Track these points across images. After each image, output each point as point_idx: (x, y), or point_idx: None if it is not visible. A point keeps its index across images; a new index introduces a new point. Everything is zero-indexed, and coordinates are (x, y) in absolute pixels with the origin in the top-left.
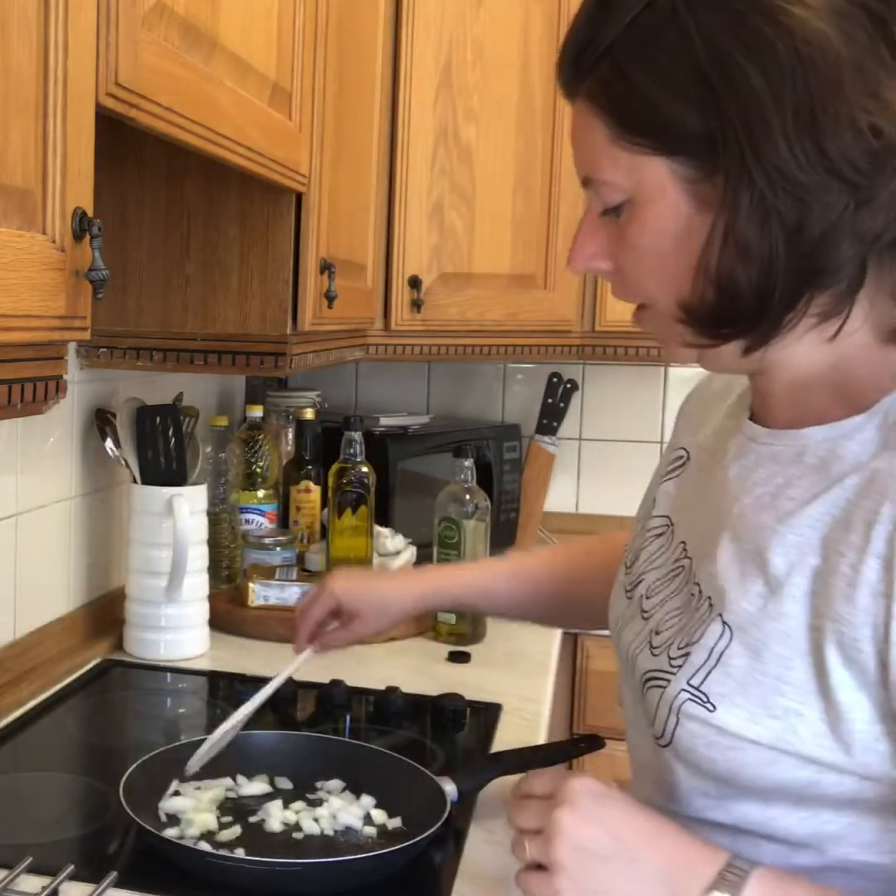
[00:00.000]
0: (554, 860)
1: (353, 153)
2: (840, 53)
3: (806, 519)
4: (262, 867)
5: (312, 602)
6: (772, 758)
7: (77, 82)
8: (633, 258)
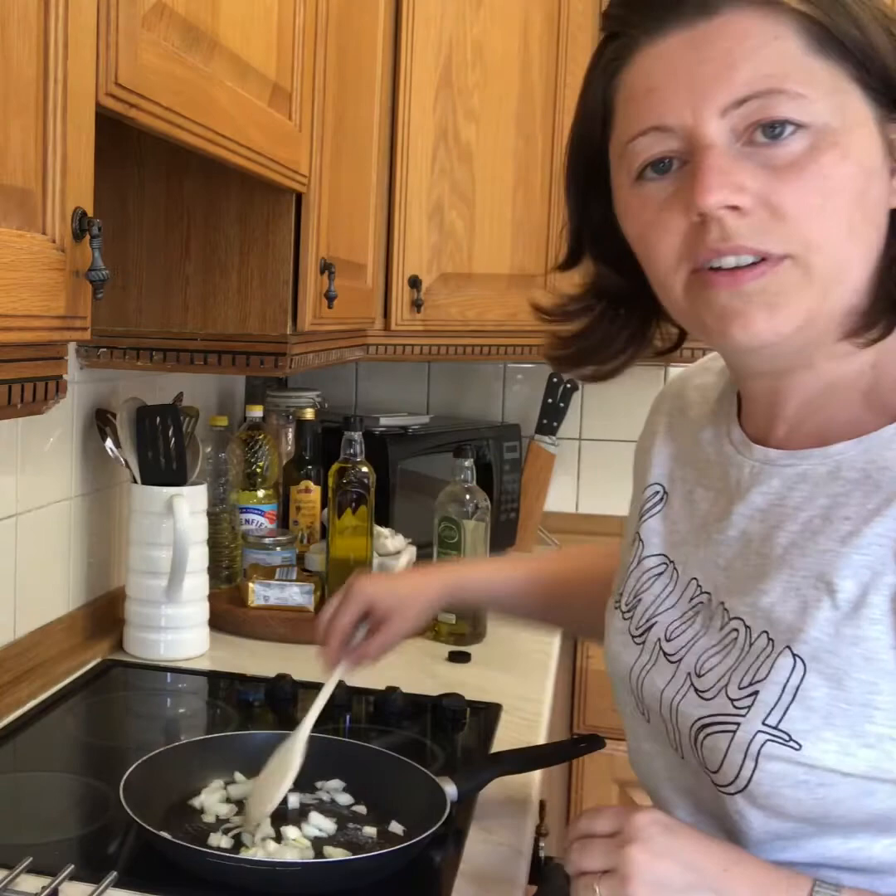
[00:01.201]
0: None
1: (353, 153)
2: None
3: (872, 538)
4: (262, 867)
5: (340, 609)
6: (867, 789)
7: (77, 82)
8: (806, 192)
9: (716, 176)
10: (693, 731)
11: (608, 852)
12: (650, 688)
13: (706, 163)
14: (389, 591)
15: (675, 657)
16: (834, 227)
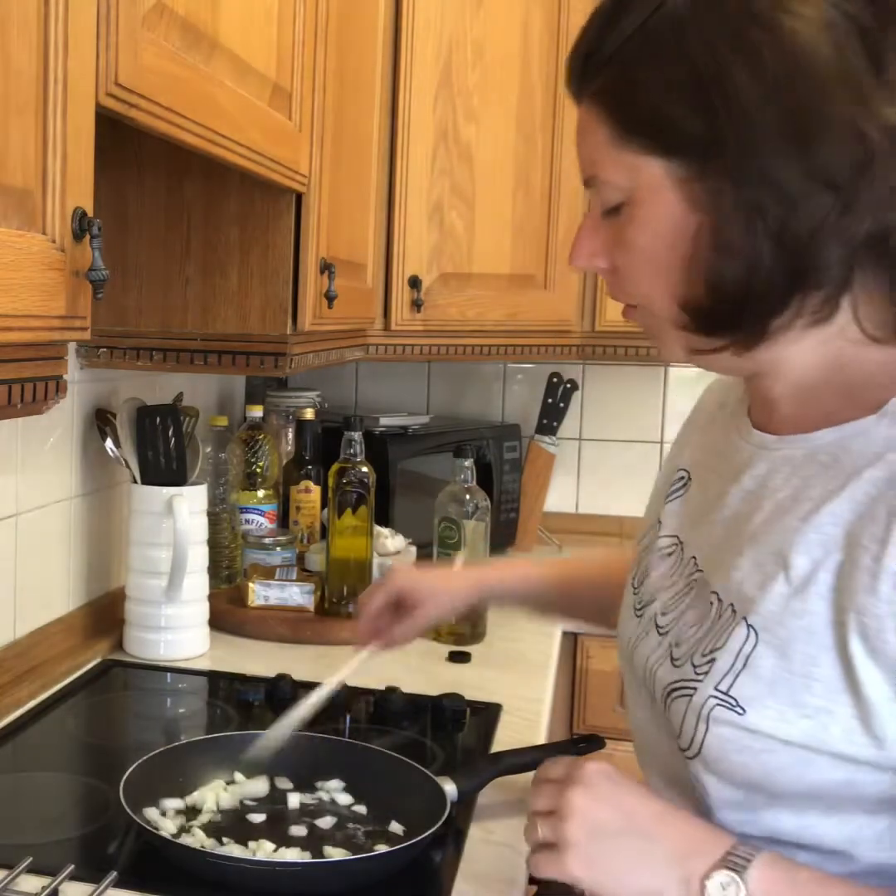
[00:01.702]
0: (566, 838)
1: (353, 153)
2: (828, 63)
3: (827, 516)
4: (262, 867)
5: (374, 594)
6: (805, 758)
7: (77, 82)
8: (629, 257)
9: (581, 240)
10: (664, 696)
11: (555, 795)
12: (640, 657)
13: (580, 226)
14: (422, 582)
15: (665, 629)
16: (649, 281)
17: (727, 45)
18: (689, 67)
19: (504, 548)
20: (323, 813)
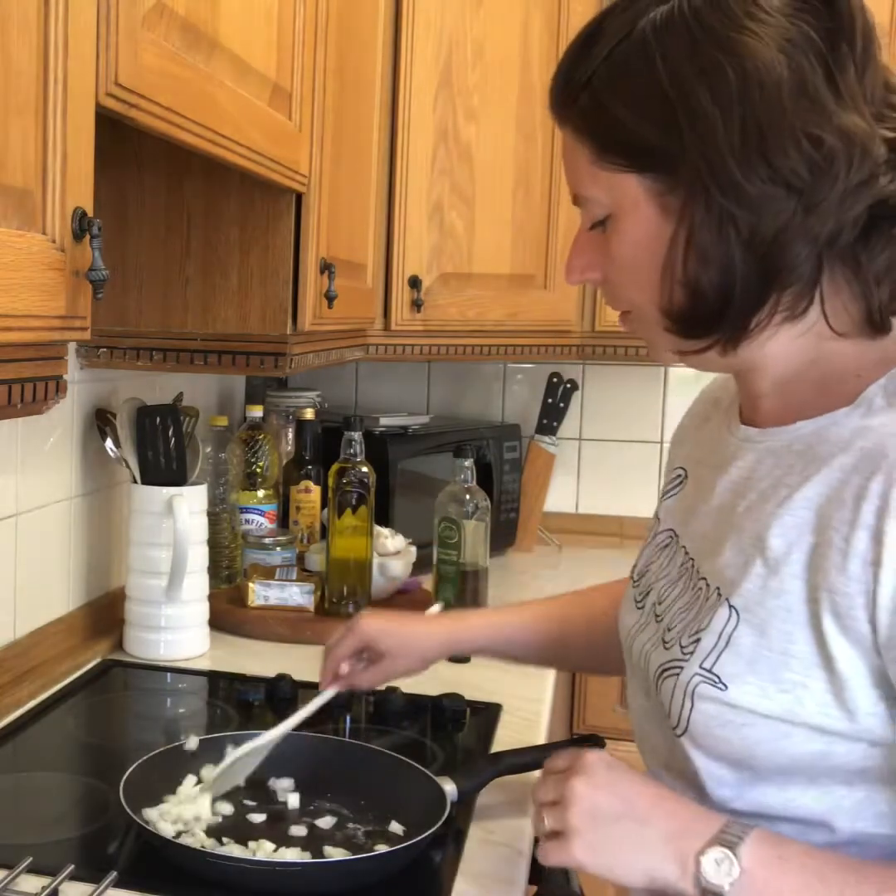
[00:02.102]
0: (569, 823)
1: (353, 153)
2: (786, 77)
3: (801, 501)
4: (262, 867)
5: (341, 640)
6: (783, 731)
7: (77, 82)
8: (615, 268)
9: (574, 256)
10: (656, 678)
11: (557, 784)
12: (638, 644)
13: (573, 242)
14: (392, 633)
15: (661, 616)
16: (635, 289)
17: (690, 67)
18: (657, 90)
19: (504, 548)
20: (323, 813)
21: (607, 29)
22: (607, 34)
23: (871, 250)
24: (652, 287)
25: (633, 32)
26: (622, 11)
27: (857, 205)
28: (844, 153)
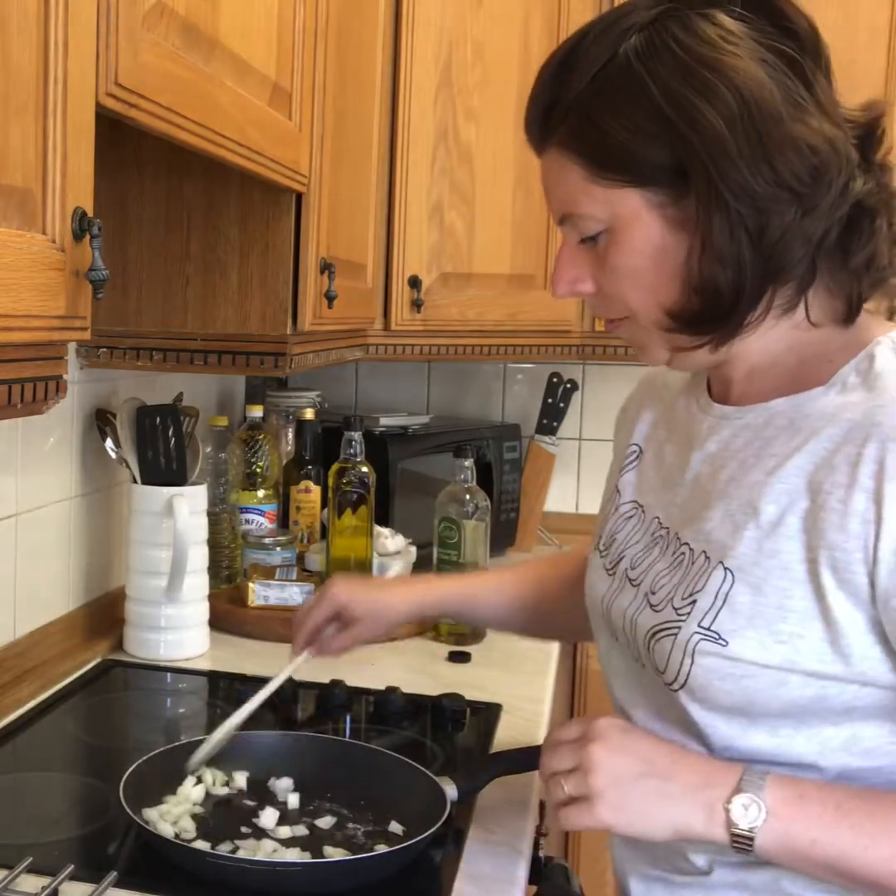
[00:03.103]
0: (594, 789)
1: (353, 153)
2: (773, 90)
3: (792, 469)
4: (262, 867)
5: (313, 608)
6: (781, 678)
7: (77, 82)
8: (613, 278)
9: (562, 269)
10: (646, 639)
11: (573, 752)
12: (617, 609)
13: (558, 257)
14: (362, 598)
15: (637, 581)
16: (636, 296)
17: (684, 87)
18: (654, 109)
19: (504, 548)
20: (323, 813)
21: (584, 56)
22: (585, 60)
23: (854, 246)
24: (655, 292)
25: (616, 57)
26: (596, 39)
27: (844, 206)
28: (834, 158)
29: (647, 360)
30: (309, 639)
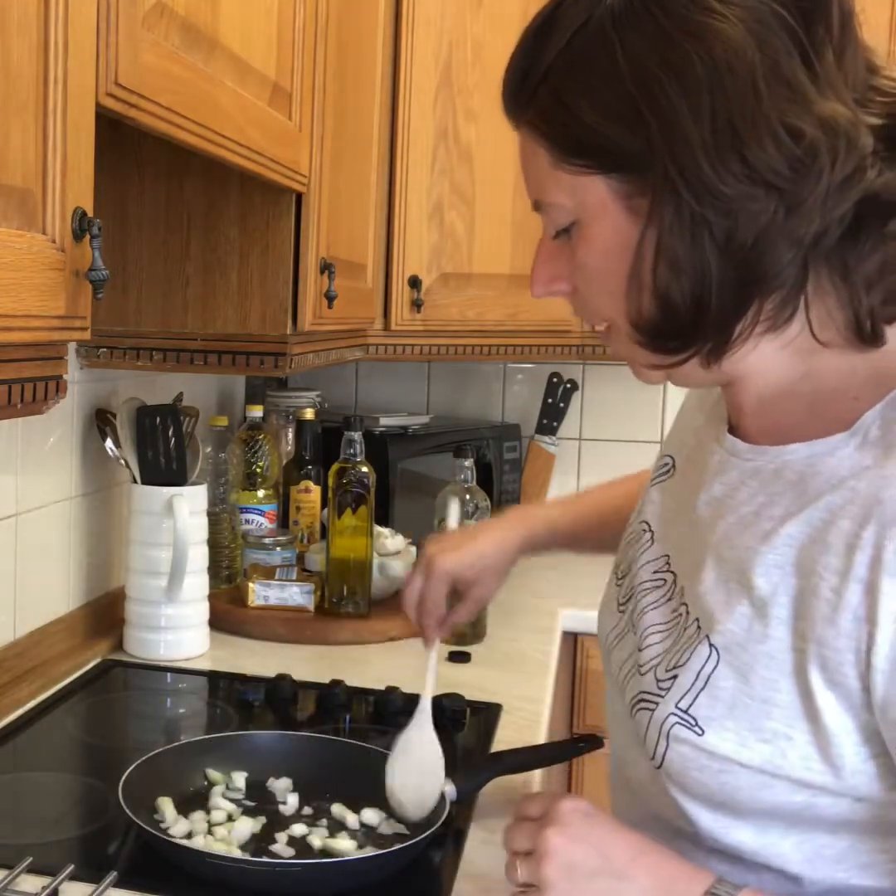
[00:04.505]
0: (543, 878)
1: (353, 153)
2: (756, 61)
3: (785, 538)
4: (262, 867)
5: (427, 591)
6: (763, 781)
7: (77, 82)
8: (583, 277)
9: (538, 267)
10: (630, 705)
11: (532, 834)
12: (617, 655)
13: (535, 254)
14: (469, 564)
15: (636, 627)
16: (605, 300)
17: (653, 57)
18: (620, 86)
19: None
20: (322, 813)
21: (562, 18)
22: (562, 23)
23: (859, 251)
24: (620, 297)
25: (591, 21)
26: (575, 1)
27: (844, 202)
28: (828, 145)
29: (641, 379)
30: (438, 625)
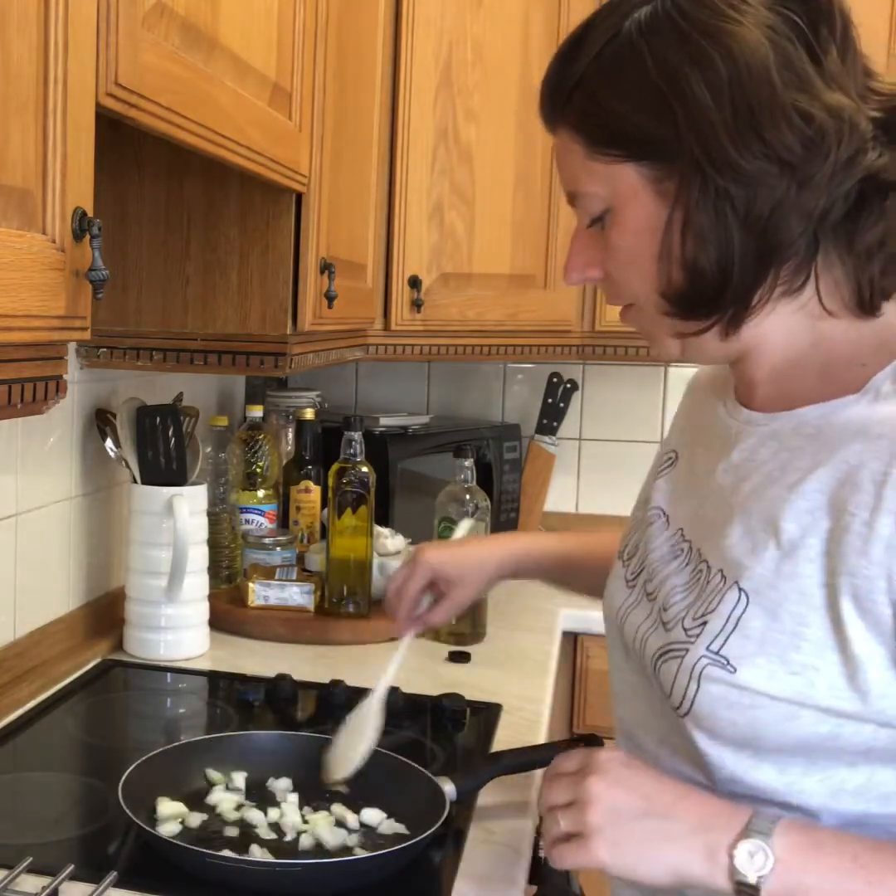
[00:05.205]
0: (590, 825)
1: (353, 153)
2: (771, 57)
3: (814, 484)
4: (261, 868)
5: (407, 579)
6: (792, 712)
7: (77, 82)
8: (616, 260)
9: (573, 256)
10: (654, 659)
11: (572, 786)
12: (630, 624)
13: (571, 244)
14: (454, 562)
15: (653, 595)
16: (637, 279)
17: (678, 56)
18: (649, 82)
19: None
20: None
21: (593, 33)
22: (593, 38)
23: (861, 225)
24: (651, 273)
25: (620, 33)
26: (605, 17)
27: (848, 179)
28: (834, 128)
29: (658, 353)
30: (410, 612)
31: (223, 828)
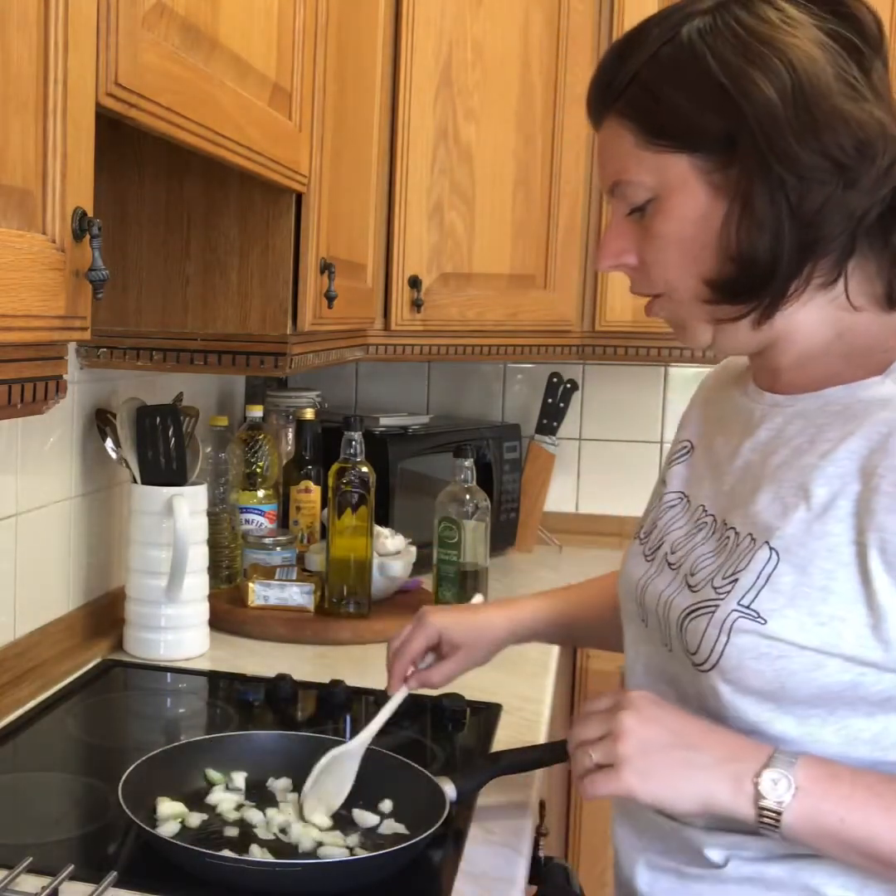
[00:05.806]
0: (620, 755)
1: (353, 153)
2: (826, 68)
3: (844, 452)
4: (261, 868)
5: (411, 637)
6: (818, 662)
7: (77, 82)
8: (657, 248)
9: (609, 242)
10: (680, 619)
11: (603, 721)
12: (652, 591)
13: (606, 230)
14: (459, 626)
15: (676, 564)
16: (677, 266)
17: (740, 60)
18: (712, 80)
19: (504, 548)
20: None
21: (647, 37)
22: (648, 40)
23: (894, 227)
24: (696, 260)
25: (677, 37)
26: (658, 23)
27: (886, 186)
28: (881, 137)
29: (690, 341)
30: (406, 672)
31: (223, 828)
